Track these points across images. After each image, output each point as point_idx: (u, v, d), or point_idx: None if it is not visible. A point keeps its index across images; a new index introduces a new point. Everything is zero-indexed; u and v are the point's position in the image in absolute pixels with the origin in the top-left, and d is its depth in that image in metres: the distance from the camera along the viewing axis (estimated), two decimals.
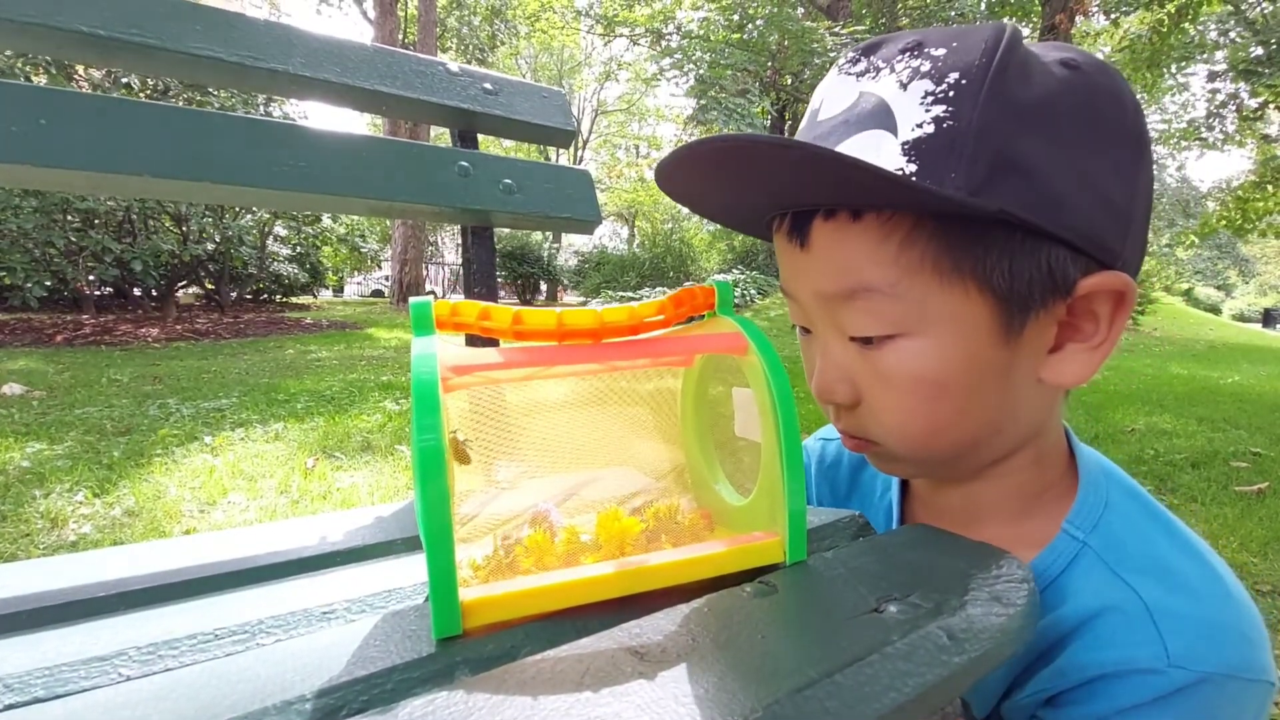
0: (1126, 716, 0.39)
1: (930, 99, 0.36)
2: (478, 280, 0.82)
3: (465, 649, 0.30)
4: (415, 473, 0.30)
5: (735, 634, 0.29)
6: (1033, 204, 0.36)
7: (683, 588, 0.34)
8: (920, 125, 0.36)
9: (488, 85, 0.84)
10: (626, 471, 0.48)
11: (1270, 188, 9.06)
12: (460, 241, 0.87)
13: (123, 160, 0.60)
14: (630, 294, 11.12)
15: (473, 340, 0.76)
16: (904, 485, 0.57)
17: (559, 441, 0.45)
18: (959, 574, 0.35)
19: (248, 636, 0.35)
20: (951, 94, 0.36)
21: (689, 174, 0.41)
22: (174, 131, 0.63)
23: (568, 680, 0.26)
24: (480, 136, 0.87)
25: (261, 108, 8.18)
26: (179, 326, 7.62)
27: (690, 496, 0.47)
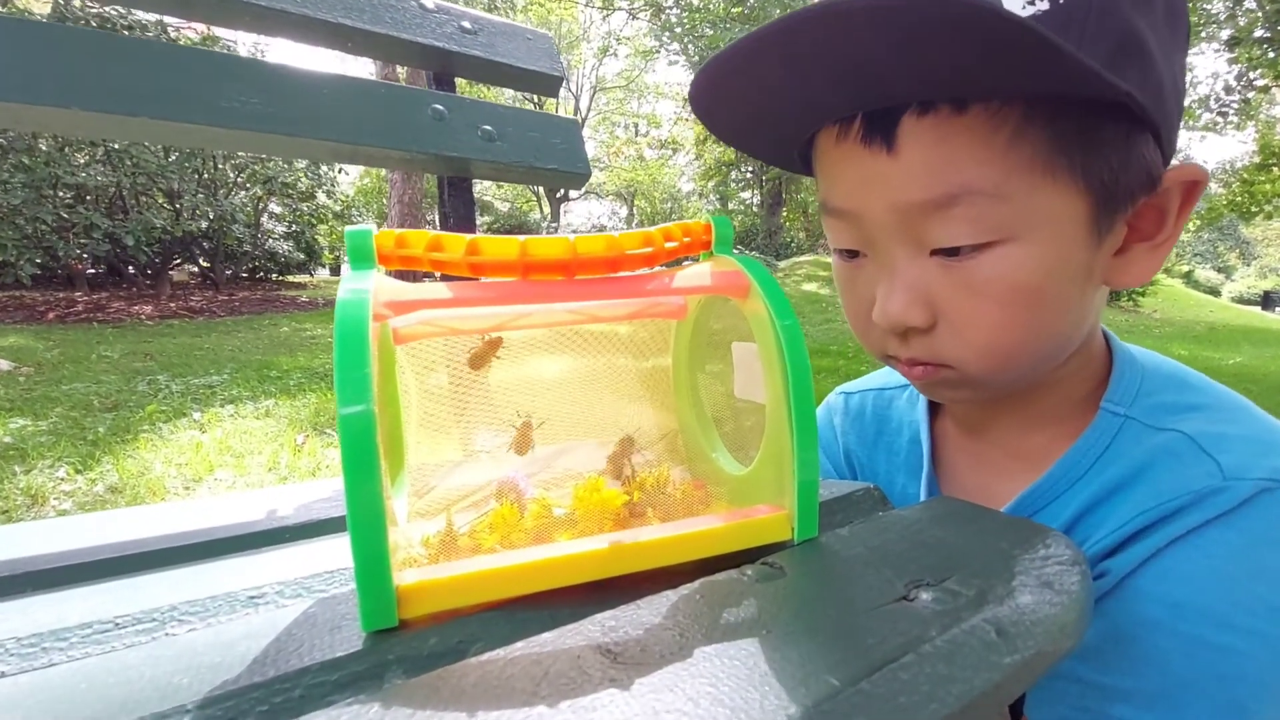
0: (1195, 536, 0.36)
1: None
2: None
3: (402, 644, 0.24)
4: (339, 431, 0.24)
5: (734, 628, 0.23)
6: (1147, 90, 0.33)
7: (672, 570, 0.29)
8: (1033, 2, 0.32)
9: (466, 24, 0.76)
10: (609, 438, 0.42)
11: (1276, 169, 8.92)
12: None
13: (47, 90, 0.53)
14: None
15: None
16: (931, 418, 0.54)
17: (528, 403, 0.39)
18: (1000, 554, 0.30)
19: (155, 625, 0.29)
20: None
21: (757, 62, 0.35)
22: (106, 60, 0.56)
23: (518, 688, 0.20)
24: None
25: None
26: (173, 304, 7.53)
27: (683, 466, 0.42)
